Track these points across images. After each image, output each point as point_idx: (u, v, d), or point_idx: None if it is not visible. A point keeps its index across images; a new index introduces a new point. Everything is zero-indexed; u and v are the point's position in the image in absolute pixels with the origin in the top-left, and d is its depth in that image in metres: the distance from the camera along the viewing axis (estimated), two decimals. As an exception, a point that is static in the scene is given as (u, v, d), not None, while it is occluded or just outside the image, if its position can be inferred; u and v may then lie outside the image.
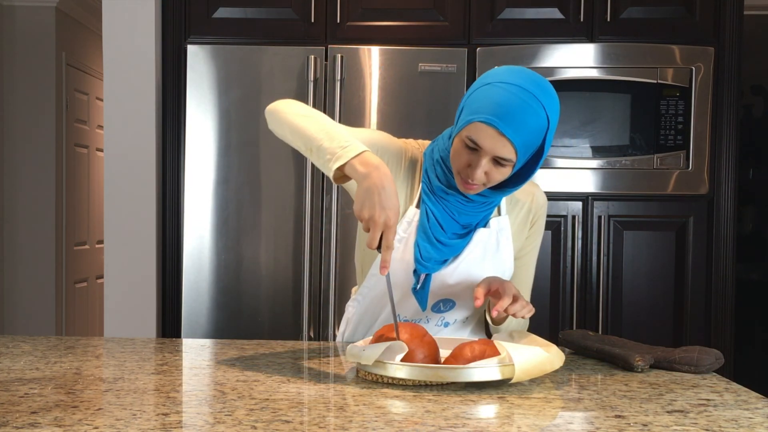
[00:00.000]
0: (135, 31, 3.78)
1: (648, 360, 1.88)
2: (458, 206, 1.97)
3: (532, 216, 2.13)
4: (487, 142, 1.79)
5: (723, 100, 3.67)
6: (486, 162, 1.82)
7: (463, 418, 1.43)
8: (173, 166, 3.80)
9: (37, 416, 1.40)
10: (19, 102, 5.74)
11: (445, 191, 1.96)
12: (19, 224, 5.78)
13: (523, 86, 1.78)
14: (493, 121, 1.76)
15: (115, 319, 3.82)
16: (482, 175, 1.84)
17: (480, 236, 2.01)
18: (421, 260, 1.99)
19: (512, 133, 1.76)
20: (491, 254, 2.05)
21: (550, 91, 1.83)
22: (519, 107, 1.76)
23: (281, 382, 1.70)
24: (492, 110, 1.77)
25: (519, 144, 1.77)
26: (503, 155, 1.79)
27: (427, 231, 1.98)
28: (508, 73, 1.82)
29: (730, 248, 3.68)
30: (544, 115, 1.79)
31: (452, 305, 2.10)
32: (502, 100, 1.77)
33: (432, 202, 1.98)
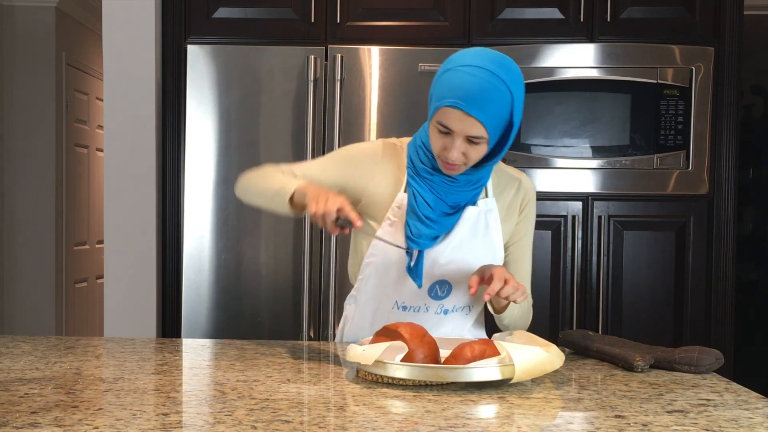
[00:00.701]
0: (135, 31, 3.78)
1: (648, 360, 1.88)
2: (444, 186, 2.05)
3: (520, 200, 2.21)
4: (456, 125, 1.91)
5: (723, 100, 3.66)
6: (460, 143, 1.93)
7: (463, 418, 1.43)
8: (173, 166, 3.80)
9: (37, 416, 1.41)
10: (19, 102, 5.74)
11: (429, 172, 2.06)
12: (19, 224, 5.78)
13: (482, 66, 1.90)
14: (458, 104, 1.88)
15: (115, 319, 3.82)
16: (459, 156, 1.95)
17: (469, 214, 2.09)
18: (412, 237, 2.06)
19: (478, 112, 1.87)
20: (481, 233, 2.11)
21: (510, 66, 1.94)
22: (480, 87, 1.87)
23: (281, 382, 1.70)
24: (456, 94, 1.89)
25: (486, 121, 1.89)
26: (474, 134, 1.91)
27: (416, 210, 2.06)
28: (467, 55, 1.95)
29: (730, 248, 3.68)
30: (505, 89, 1.89)
31: (449, 289, 2.13)
32: (464, 82, 1.88)
33: (418, 183, 2.07)
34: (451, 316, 2.18)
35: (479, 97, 1.87)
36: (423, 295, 2.13)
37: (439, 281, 2.11)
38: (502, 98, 1.89)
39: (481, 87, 1.87)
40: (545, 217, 3.68)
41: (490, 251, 2.13)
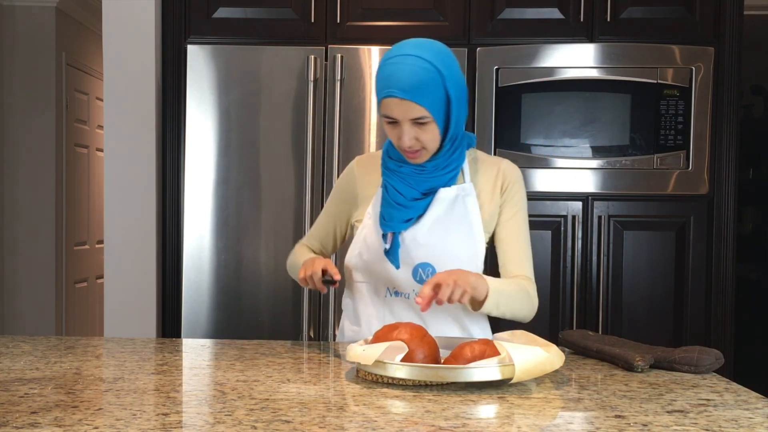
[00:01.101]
0: (135, 31, 3.78)
1: (648, 360, 1.88)
2: (414, 176, 2.17)
3: (501, 183, 2.26)
4: (396, 111, 2.04)
5: (723, 100, 3.66)
6: (408, 128, 2.06)
7: (463, 418, 1.43)
8: (173, 166, 3.80)
9: (37, 416, 1.41)
10: (19, 102, 5.74)
11: (398, 165, 2.18)
12: (19, 224, 5.78)
13: (405, 53, 2.03)
14: (391, 92, 2.01)
15: (115, 319, 3.82)
16: (412, 140, 2.07)
17: (443, 194, 2.18)
18: (384, 221, 2.17)
19: (411, 94, 2.00)
20: (458, 214, 2.18)
21: (432, 46, 2.06)
22: (404, 71, 2.00)
23: (281, 382, 1.70)
24: (387, 84, 2.02)
25: (421, 100, 2.01)
26: (416, 115, 2.03)
27: (387, 198, 2.19)
28: (394, 49, 2.08)
29: (730, 248, 3.68)
30: (431, 67, 2.01)
31: (432, 272, 2.17)
32: (390, 72, 2.02)
33: (389, 176, 2.20)
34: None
35: (408, 80, 1.99)
36: (409, 280, 2.19)
37: (422, 264, 2.18)
38: (431, 77, 2.00)
39: (408, 71, 1.99)
40: (545, 217, 3.69)
41: (470, 235, 2.20)
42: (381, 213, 2.19)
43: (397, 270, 2.17)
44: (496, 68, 3.66)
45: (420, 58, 2.01)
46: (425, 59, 2.01)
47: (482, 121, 3.67)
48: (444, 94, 2.04)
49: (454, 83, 2.05)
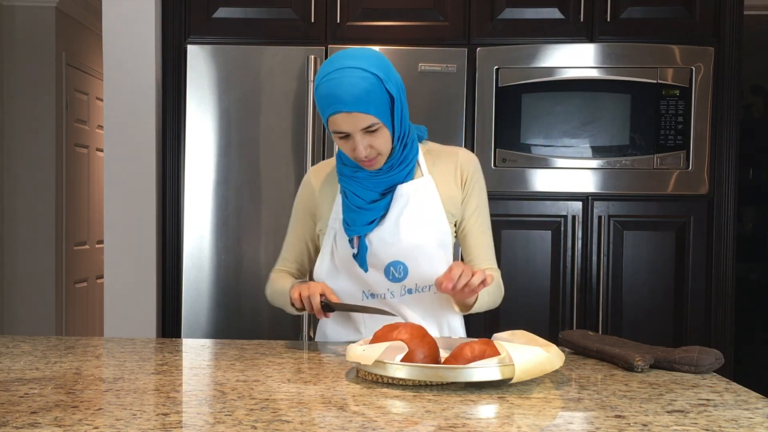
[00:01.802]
0: (135, 31, 3.78)
1: (648, 360, 1.87)
2: (370, 179, 2.18)
3: (460, 174, 2.28)
4: (345, 125, 2.05)
5: (723, 100, 3.66)
6: (360, 138, 2.07)
7: (463, 418, 1.43)
8: (173, 166, 3.80)
9: (37, 416, 1.40)
10: (19, 102, 5.74)
11: (353, 170, 2.19)
12: (19, 224, 5.78)
13: (337, 68, 2.03)
14: (336, 109, 2.02)
15: (115, 319, 3.81)
16: (368, 149, 2.09)
17: (402, 190, 2.19)
18: (348, 227, 2.19)
19: (355, 106, 2.01)
20: (420, 207, 2.20)
21: (365, 53, 2.07)
22: (345, 85, 2.00)
23: (281, 382, 1.70)
24: (328, 103, 2.03)
25: (367, 108, 2.02)
26: (366, 124, 2.04)
27: (348, 204, 2.20)
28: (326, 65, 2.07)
29: (730, 248, 3.68)
30: (368, 74, 2.02)
31: (404, 269, 2.20)
32: (330, 89, 2.02)
33: (346, 182, 2.21)
34: (417, 296, 2.23)
35: (350, 93, 2.00)
36: (382, 280, 2.21)
37: (393, 262, 2.19)
38: (370, 83, 2.01)
39: (348, 83, 2.00)
40: (545, 217, 3.69)
41: (435, 226, 2.22)
42: (343, 218, 2.20)
43: (368, 273, 2.20)
44: (496, 68, 3.66)
45: (356, 68, 2.02)
46: (361, 68, 2.02)
47: (482, 121, 3.67)
48: (387, 97, 2.06)
49: (392, 82, 2.07)
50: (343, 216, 2.20)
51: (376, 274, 2.20)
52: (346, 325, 2.30)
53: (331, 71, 2.03)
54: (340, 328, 2.31)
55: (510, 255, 3.70)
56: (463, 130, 3.67)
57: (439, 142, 2.36)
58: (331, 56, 2.09)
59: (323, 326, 2.37)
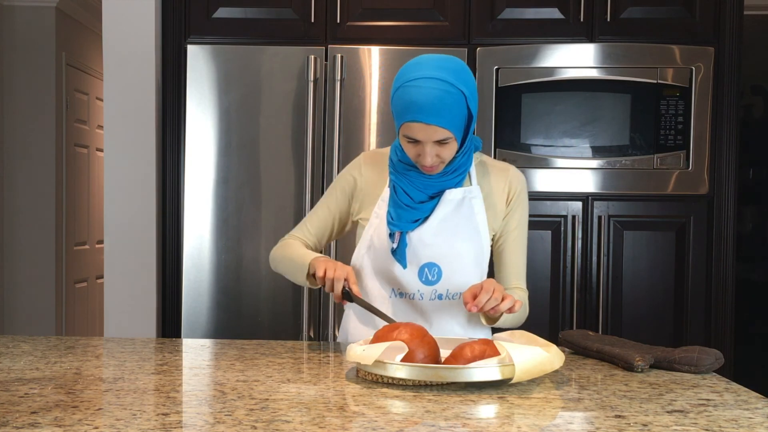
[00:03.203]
0: (135, 31, 3.78)
1: (648, 360, 1.88)
2: (422, 179, 2.18)
3: (508, 191, 2.29)
4: (420, 134, 2.04)
5: (723, 100, 3.66)
6: (430, 148, 2.06)
7: (463, 418, 1.43)
8: (173, 166, 3.80)
9: (37, 416, 1.40)
10: (19, 102, 5.74)
11: (407, 168, 2.18)
12: (19, 224, 5.77)
13: (429, 76, 2.01)
14: (416, 117, 2.01)
15: (115, 319, 3.81)
16: (434, 158, 2.08)
17: (450, 195, 2.19)
18: (392, 221, 2.18)
19: (436, 119, 2.00)
20: (465, 216, 2.20)
21: (454, 66, 2.06)
22: (433, 96, 1.99)
23: (281, 382, 1.70)
24: (412, 109, 2.01)
25: (447, 124, 2.01)
26: (440, 137, 2.03)
27: (395, 199, 2.19)
28: (413, 69, 2.06)
29: (730, 248, 3.68)
30: (455, 90, 2.01)
31: (438, 272, 2.20)
32: (417, 97, 2.00)
33: (397, 177, 2.20)
34: (446, 302, 2.23)
35: (434, 105, 1.99)
36: (414, 281, 2.20)
37: (428, 264, 2.19)
38: (455, 99, 2.01)
39: (434, 96, 1.99)
40: (545, 217, 3.69)
41: (476, 236, 2.22)
42: (389, 212, 2.19)
43: (404, 270, 2.18)
44: (496, 68, 3.66)
45: (443, 81, 2.00)
46: (448, 82, 2.00)
47: (482, 121, 3.67)
48: (466, 114, 2.06)
49: (474, 100, 2.07)
50: (389, 210, 2.19)
51: (410, 274, 2.20)
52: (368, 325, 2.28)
53: (418, 77, 2.02)
54: (363, 327, 2.29)
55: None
56: (463, 130, 3.66)
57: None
58: (417, 58, 2.09)
59: (346, 324, 2.36)
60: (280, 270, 2.36)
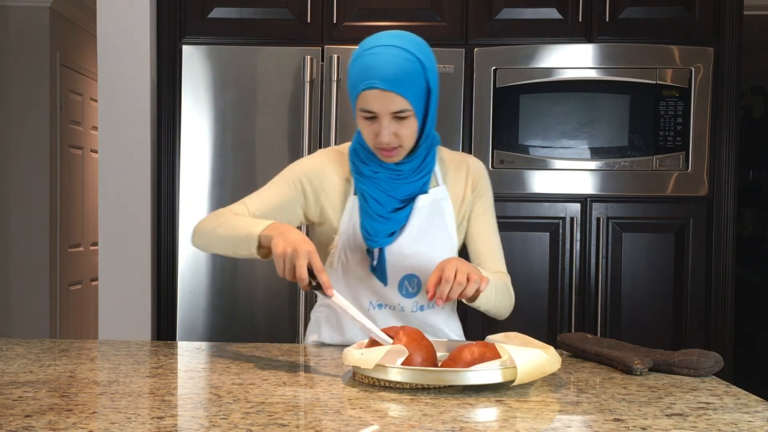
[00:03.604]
0: (130, 32, 3.77)
1: (647, 363, 1.87)
2: (391, 182, 2.10)
3: (471, 180, 2.24)
4: (377, 104, 1.95)
5: (722, 100, 3.66)
6: (388, 122, 1.97)
7: (460, 422, 1.42)
8: (168, 167, 3.79)
9: (31, 420, 1.39)
10: (13, 103, 5.73)
11: (373, 170, 2.10)
12: (12, 226, 5.76)
13: (384, 44, 1.95)
14: (373, 83, 1.93)
15: (110, 322, 3.80)
16: (392, 136, 1.99)
17: (421, 203, 2.13)
18: (369, 237, 2.09)
19: (393, 85, 1.92)
20: (437, 221, 2.15)
21: (411, 37, 2.00)
22: (387, 61, 1.93)
23: (277, 385, 1.69)
24: (366, 76, 1.94)
25: (404, 92, 1.94)
26: (397, 108, 1.95)
27: (368, 210, 2.10)
28: (368, 42, 2.00)
29: (730, 250, 3.68)
30: (413, 57, 1.95)
31: (418, 283, 2.16)
32: (371, 63, 1.94)
33: (365, 184, 2.11)
34: (428, 312, 2.20)
35: (390, 70, 1.92)
36: (394, 294, 2.16)
37: (407, 276, 2.15)
38: (412, 67, 1.94)
39: (388, 61, 1.92)
40: (543, 218, 3.68)
41: (449, 239, 2.19)
42: (363, 226, 2.11)
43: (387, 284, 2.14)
44: (493, 69, 3.66)
45: (401, 48, 1.95)
46: (407, 50, 1.95)
47: (480, 122, 3.66)
48: (425, 86, 1.99)
49: (433, 74, 2.01)
50: (362, 223, 2.11)
51: (390, 288, 2.15)
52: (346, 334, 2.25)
53: (375, 46, 1.96)
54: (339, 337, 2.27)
55: (508, 257, 3.65)
56: (461, 131, 3.66)
57: (438, 142, 2.34)
58: (375, 34, 2.02)
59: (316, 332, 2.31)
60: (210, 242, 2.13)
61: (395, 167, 2.09)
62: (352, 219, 2.13)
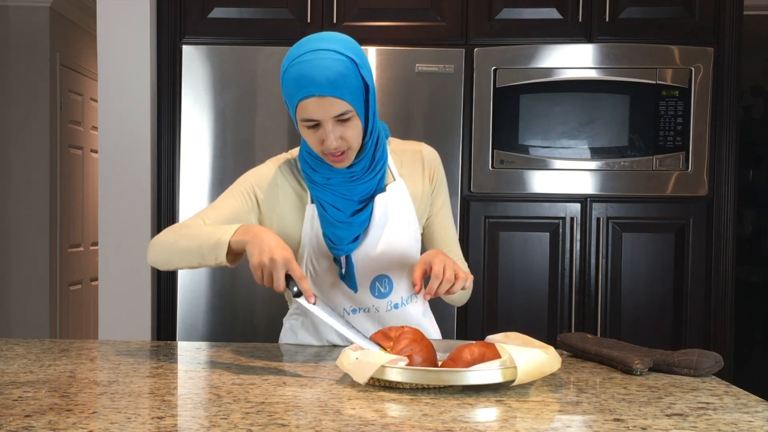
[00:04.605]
0: (130, 32, 3.77)
1: (647, 363, 1.86)
2: (345, 186, 2.06)
3: (427, 171, 2.22)
4: (317, 111, 1.90)
5: (722, 100, 3.66)
6: (331, 127, 1.92)
7: (460, 422, 1.41)
8: (168, 167, 3.79)
9: (31, 420, 1.39)
10: (13, 103, 5.73)
11: (326, 177, 2.06)
12: (12, 226, 5.76)
13: (311, 49, 1.90)
14: (306, 93, 1.88)
15: (110, 322, 3.80)
16: (338, 140, 1.94)
17: (379, 202, 2.10)
18: (334, 246, 2.08)
19: (330, 89, 1.87)
20: (397, 216, 2.13)
21: (337, 36, 1.95)
22: (319, 67, 1.87)
23: (277, 385, 1.69)
24: (299, 86, 1.89)
25: (342, 93, 1.89)
26: (339, 111, 1.90)
27: (327, 218, 2.07)
28: (295, 50, 1.94)
29: (730, 250, 3.68)
30: (343, 57, 1.90)
31: (389, 283, 2.15)
32: (303, 71, 1.88)
33: (320, 192, 2.07)
34: (403, 309, 2.19)
35: (324, 75, 1.87)
36: (367, 296, 2.15)
37: (378, 277, 2.14)
38: (345, 66, 1.90)
39: (322, 66, 1.88)
40: (543, 218, 3.68)
41: (413, 232, 2.17)
42: (325, 234, 2.08)
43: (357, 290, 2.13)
44: (494, 69, 3.65)
45: (330, 50, 1.89)
46: (336, 51, 1.90)
47: (480, 122, 3.66)
48: (361, 84, 1.94)
49: (366, 69, 1.96)
50: (324, 232, 2.08)
51: (362, 291, 2.14)
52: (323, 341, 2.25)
53: (304, 53, 1.90)
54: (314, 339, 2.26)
55: (508, 257, 3.69)
56: (461, 131, 3.66)
57: (437, 143, 2.35)
58: (301, 40, 1.96)
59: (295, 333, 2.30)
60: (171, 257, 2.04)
61: (347, 170, 2.05)
62: (314, 228, 2.10)
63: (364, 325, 2.16)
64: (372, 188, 2.09)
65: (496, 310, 3.70)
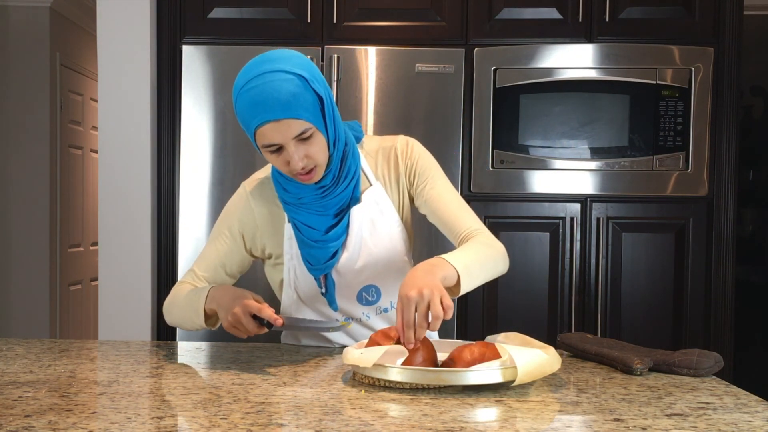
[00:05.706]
0: (130, 32, 3.77)
1: (647, 363, 1.86)
2: (317, 202, 2.03)
3: (402, 165, 2.14)
4: (277, 136, 1.86)
5: (722, 101, 3.66)
6: (294, 148, 1.89)
7: (460, 422, 1.41)
8: (168, 167, 3.79)
9: (31, 420, 1.39)
10: (13, 103, 5.72)
11: (298, 197, 2.03)
12: (12, 226, 5.76)
13: (257, 74, 1.86)
14: (262, 119, 1.85)
15: (110, 322, 3.80)
16: (303, 159, 1.90)
17: (355, 214, 2.06)
18: (312, 266, 2.07)
19: (284, 112, 1.84)
20: (378, 223, 2.09)
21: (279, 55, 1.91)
22: (269, 90, 1.83)
23: (277, 386, 1.69)
24: (253, 114, 1.86)
25: (298, 114, 1.85)
26: (298, 131, 1.86)
27: (303, 239, 2.06)
28: (241, 77, 1.91)
29: (730, 250, 3.67)
30: (291, 76, 1.86)
31: (377, 291, 2.14)
32: (254, 98, 1.85)
33: (294, 212, 2.06)
34: (394, 312, 2.17)
35: (276, 98, 1.84)
36: (355, 306, 2.15)
37: (364, 287, 2.13)
38: (294, 85, 1.85)
39: (272, 89, 1.84)
40: (543, 218, 3.68)
41: (396, 236, 2.13)
42: (302, 255, 2.07)
43: (342, 301, 2.12)
44: (493, 69, 3.65)
45: (277, 71, 1.86)
46: (283, 70, 1.86)
47: (480, 123, 3.66)
48: (315, 98, 1.89)
49: (318, 82, 1.91)
50: (301, 252, 2.07)
51: (350, 302, 2.13)
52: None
53: (250, 79, 1.87)
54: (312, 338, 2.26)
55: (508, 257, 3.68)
56: (461, 131, 3.66)
57: (437, 143, 2.35)
58: (247, 64, 1.93)
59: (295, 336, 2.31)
60: (175, 322, 2.15)
61: (316, 185, 2.01)
62: (293, 247, 2.10)
63: (360, 331, 2.17)
64: (346, 199, 2.06)
65: (496, 310, 3.70)
